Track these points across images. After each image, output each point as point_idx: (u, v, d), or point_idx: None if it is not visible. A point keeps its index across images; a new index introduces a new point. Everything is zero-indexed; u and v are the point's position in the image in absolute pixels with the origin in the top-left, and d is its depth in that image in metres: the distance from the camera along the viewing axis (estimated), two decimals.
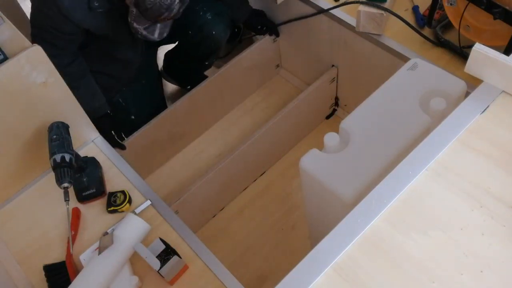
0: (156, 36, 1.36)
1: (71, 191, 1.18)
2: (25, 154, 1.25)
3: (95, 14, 1.34)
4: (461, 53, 1.35)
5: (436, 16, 1.41)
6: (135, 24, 1.30)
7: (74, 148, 1.17)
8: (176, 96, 2.07)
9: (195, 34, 1.69)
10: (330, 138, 1.11)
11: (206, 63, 1.85)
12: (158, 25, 1.35)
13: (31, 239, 1.22)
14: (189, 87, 1.89)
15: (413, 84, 1.17)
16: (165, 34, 1.38)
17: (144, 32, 1.33)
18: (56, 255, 1.18)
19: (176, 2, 1.24)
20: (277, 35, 1.90)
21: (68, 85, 1.26)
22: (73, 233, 1.18)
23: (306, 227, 1.62)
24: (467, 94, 1.14)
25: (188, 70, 1.95)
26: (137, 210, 1.21)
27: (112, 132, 1.60)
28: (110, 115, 1.59)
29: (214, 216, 1.79)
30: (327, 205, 1.14)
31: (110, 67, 1.61)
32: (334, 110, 2.01)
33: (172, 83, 2.09)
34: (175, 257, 1.06)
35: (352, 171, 1.06)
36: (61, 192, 1.08)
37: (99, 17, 1.36)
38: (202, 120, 1.94)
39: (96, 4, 1.32)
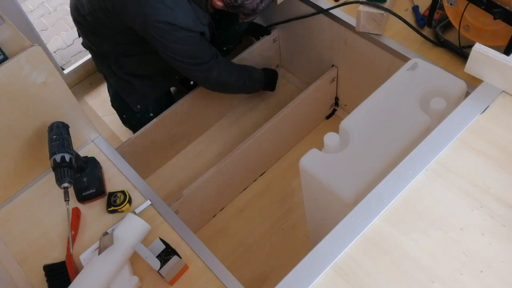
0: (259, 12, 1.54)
1: (71, 191, 1.18)
2: (25, 154, 1.25)
3: (205, 27, 1.53)
4: (461, 53, 1.35)
5: (436, 16, 1.41)
6: (245, 20, 1.53)
7: (74, 148, 1.17)
8: (176, 97, 2.07)
9: (219, 22, 1.74)
10: (330, 138, 1.11)
11: (224, 48, 1.87)
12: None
13: (31, 239, 1.22)
14: (192, 83, 1.89)
15: (413, 84, 1.17)
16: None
17: (253, 18, 1.55)
18: (56, 255, 1.18)
19: None
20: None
21: (228, 88, 1.72)
22: (73, 233, 1.18)
23: (306, 227, 1.62)
24: (467, 94, 1.14)
25: None
26: (137, 210, 1.21)
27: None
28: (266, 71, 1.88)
29: (214, 216, 1.79)
30: (327, 205, 1.14)
31: (159, 75, 1.73)
32: (334, 110, 2.01)
33: None
34: (175, 257, 1.06)
35: (352, 171, 1.06)
36: (61, 192, 1.08)
37: (207, 30, 1.54)
38: (202, 120, 1.94)
39: (204, 21, 1.50)
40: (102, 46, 1.65)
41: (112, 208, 1.21)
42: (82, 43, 1.75)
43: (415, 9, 1.52)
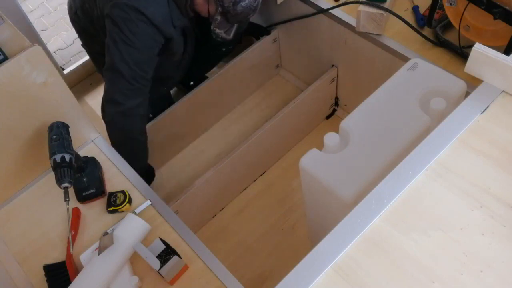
0: (231, 36, 1.47)
1: (71, 191, 1.18)
2: (25, 154, 1.25)
3: (176, 31, 1.43)
4: (461, 53, 1.35)
5: (436, 16, 1.41)
6: (217, 30, 1.42)
7: (74, 148, 1.17)
8: (176, 97, 2.07)
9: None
10: (330, 138, 1.11)
11: (224, 49, 1.85)
12: (235, 26, 1.46)
13: (31, 239, 1.22)
14: (192, 83, 1.88)
15: (413, 84, 1.17)
16: (238, 31, 1.50)
17: (224, 35, 1.45)
18: (56, 255, 1.18)
19: (260, 2, 1.38)
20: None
21: (126, 132, 1.44)
22: (73, 233, 1.18)
23: (306, 227, 1.62)
24: (467, 94, 1.14)
25: (202, 59, 1.91)
26: (137, 210, 1.21)
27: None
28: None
29: (214, 216, 1.79)
30: (327, 205, 1.14)
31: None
32: (334, 110, 2.01)
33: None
34: (175, 257, 1.06)
35: (352, 171, 1.06)
36: (61, 192, 1.08)
37: (178, 34, 1.45)
38: (202, 120, 1.94)
39: (177, 23, 1.41)
40: (94, 47, 1.65)
41: (112, 208, 1.21)
42: (82, 44, 1.76)
43: (415, 9, 1.52)
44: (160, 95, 1.83)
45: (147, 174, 1.68)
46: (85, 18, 1.54)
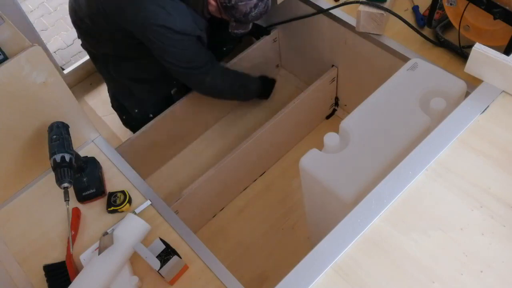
0: (250, 27, 1.59)
1: (71, 191, 1.18)
2: (25, 154, 1.25)
3: (202, 32, 1.55)
4: (461, 53, 1.35)
5: (436, 16, 1.41)
6: (235, 31, 1.54)
7: (74, 148, 1.17)
8: (176, 97, 2.07)
9: (220, 22, 1.71)
10: (330, 138, 1.11)
11: (224, 48, 1.87)
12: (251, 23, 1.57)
13: (31, 239, 1.22)
14: None
15: (413, 84, 1.17)
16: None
17: (243, 31, 1.56)
18: (56, 255, 1.18)
19: (270, 4, 1.47)
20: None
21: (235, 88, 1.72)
22: (73, 233, 1.18)
23: (306, 227, 1.62)
24: (467, 94, 1.14)
25: None
26: (137, 210, 1.21)
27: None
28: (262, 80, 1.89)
29: (214, 216, 1.79)
30: (327, 205, 1.14)
31: (160, 78, 1.70)
32: (334, 110, 2.01)
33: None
34: (175, 257, 1.06)
35: (352, 171, 1.06)
36: (61, 192, 1.08)
37: (204, 33, 1.56)
38: (202, 120, 1.94)
39: (200, 25, 1.52)
40: (100, 49, 1.65)
41: (112, 208, 1.21)
42: (82, 45, 1.75)
43: (415, 9, 1.52)
44: (164, 95, 1.84)
45: (267, 84, 1.93)
46: (94, 26, 1.54)
